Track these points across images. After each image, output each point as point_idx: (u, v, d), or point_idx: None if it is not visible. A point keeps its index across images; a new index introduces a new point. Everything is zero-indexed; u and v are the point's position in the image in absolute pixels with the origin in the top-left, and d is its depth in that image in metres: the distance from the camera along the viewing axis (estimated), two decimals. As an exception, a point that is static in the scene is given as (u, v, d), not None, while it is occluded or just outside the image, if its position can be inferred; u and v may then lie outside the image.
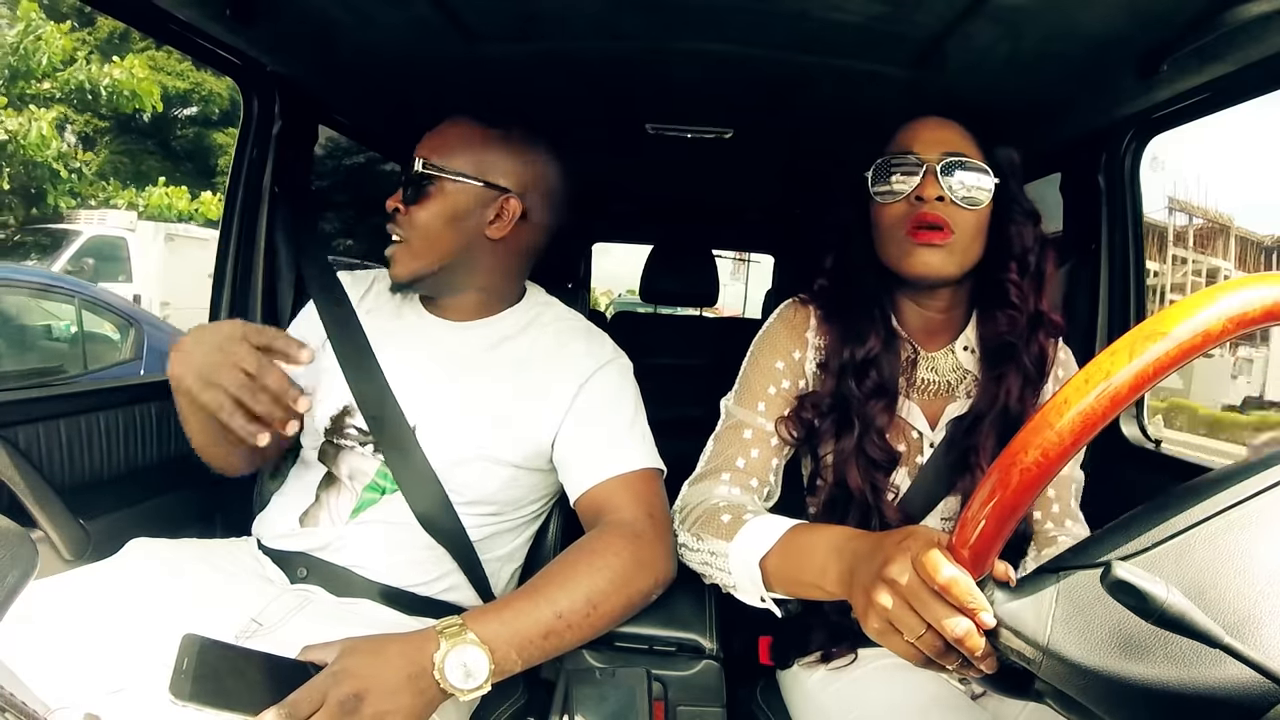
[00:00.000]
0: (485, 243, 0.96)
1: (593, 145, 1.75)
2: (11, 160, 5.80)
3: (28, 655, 0.72)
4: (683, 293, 2.67)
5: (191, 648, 0.68)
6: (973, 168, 0.85)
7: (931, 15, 0.91)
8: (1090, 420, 0.46)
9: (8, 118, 5.62)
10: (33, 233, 6.39)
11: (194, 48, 1.16)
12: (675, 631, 0.87)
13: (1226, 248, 12.38)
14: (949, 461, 0.88)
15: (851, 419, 0.88)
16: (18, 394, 1.09)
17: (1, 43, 5.95)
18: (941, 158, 0.85)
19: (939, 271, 0.86)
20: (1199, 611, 0.42)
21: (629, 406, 0.97)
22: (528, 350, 0.98)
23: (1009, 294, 0.88)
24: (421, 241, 0.95)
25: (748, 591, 0.78)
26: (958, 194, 0.84)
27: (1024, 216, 0.89)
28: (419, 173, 0.93)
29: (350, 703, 0.66)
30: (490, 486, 0.94)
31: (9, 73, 5.94)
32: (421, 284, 0.98)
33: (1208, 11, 0.82)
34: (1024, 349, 0.88)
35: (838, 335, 0.91)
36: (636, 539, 0.85)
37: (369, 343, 0.98)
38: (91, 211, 7.02)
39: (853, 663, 0.87)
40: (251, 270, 1.35)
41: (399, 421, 0.93)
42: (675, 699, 0.83)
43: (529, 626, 0.76)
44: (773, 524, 0.77)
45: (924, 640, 0.54)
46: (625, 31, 1.04)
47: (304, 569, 0.92)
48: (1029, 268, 0.89)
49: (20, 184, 6.06)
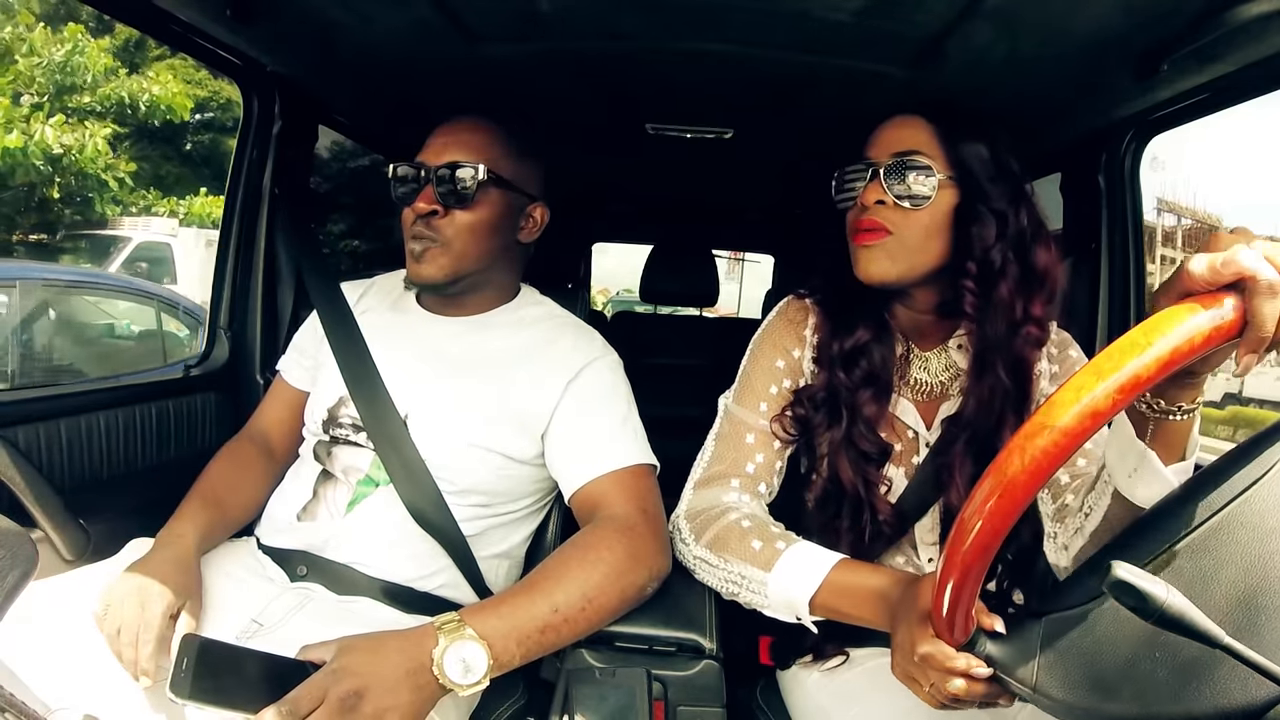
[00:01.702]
0: (516, 246, 1.02)
1: (593, 145, 1.75)
2: (64, 171, 6.13)
3: (28, 655, 0.72)
4: (682, 293, 2.67)
5: (191, 647, 0.68)
6: (915, 166, 0.83)
7: (931, 15, 0.91)
8: (1013, 503, 0.48)
9: (65, 132, 5.98)
10: (86, 239, 6.76)
11: (194, 48, 1.16)
12: (675, 631, 0.87)
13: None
14: (943, 462, 0.88)
15: (840, 410, 0.88)
16: (18, 394, 1.09)
17: (51, 61, 6.31)
18: (889, 159, 0.84)
19: (880, 275, 0.85)
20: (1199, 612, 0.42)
21: (621, 403, 0.99)
22: (519, 345, 1.00)
23: (963, 301, 0.84)
24: (464, 244, 0.97)
25: (780, 612, 0.80)
26: (898, 194, 0.83)
27: (990, 216, 0.84)
28: (472, 178, 0.95)
29: (350, 700, 0.66)
30: (480, 475, 0.95)
31: (54, 88, 6.33)
32: (456, 285, 0.99)
33: (1207, 11, 0.82)
34: (999, 358, 0.84)
35: (830, 329, 0.91)
36: (630, 534, 0.86)
37: (363, 338, 1.02)
38: (135, 219, 7.42)
39: (844, 662, 0.87)
40: (251, 270, 1.35)
41: (390, 411, 0.95)
42: (675, 699, 0.83)
43: (526, 621, 0.76)
44: (815, 559, 0.78)
45: (934, 694, 0.62)
46: (625, 31, 1.04)
47: (304, 567, 0.93)
48: (992, 270, 0.83)
49: (71, 193, 6.40)
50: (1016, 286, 0.84)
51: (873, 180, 0.85)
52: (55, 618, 0.78)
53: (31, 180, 5.96)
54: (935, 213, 0.84)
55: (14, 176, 5.87)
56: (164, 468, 1.20)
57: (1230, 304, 0.47)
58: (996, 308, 0.84)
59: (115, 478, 1.13)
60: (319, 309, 1.09)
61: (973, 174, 0.84)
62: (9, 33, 6.07)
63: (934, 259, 0.85)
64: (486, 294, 1.04)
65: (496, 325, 1.03)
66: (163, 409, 1.23)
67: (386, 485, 0.94)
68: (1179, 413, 0.58)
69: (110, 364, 4.32)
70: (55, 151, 5.93)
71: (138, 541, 0.91)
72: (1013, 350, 0.84)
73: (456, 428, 0.95)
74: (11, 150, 5.67)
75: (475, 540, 0.96)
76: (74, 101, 6.45)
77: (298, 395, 1.10)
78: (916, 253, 0.84)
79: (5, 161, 5.70)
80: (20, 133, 5.77)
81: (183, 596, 0.80)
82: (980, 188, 0.84)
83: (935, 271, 0.86)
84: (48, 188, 6.13)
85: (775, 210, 2.60)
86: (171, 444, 1.23)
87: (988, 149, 0.85)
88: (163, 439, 1.22)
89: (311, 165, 1.46)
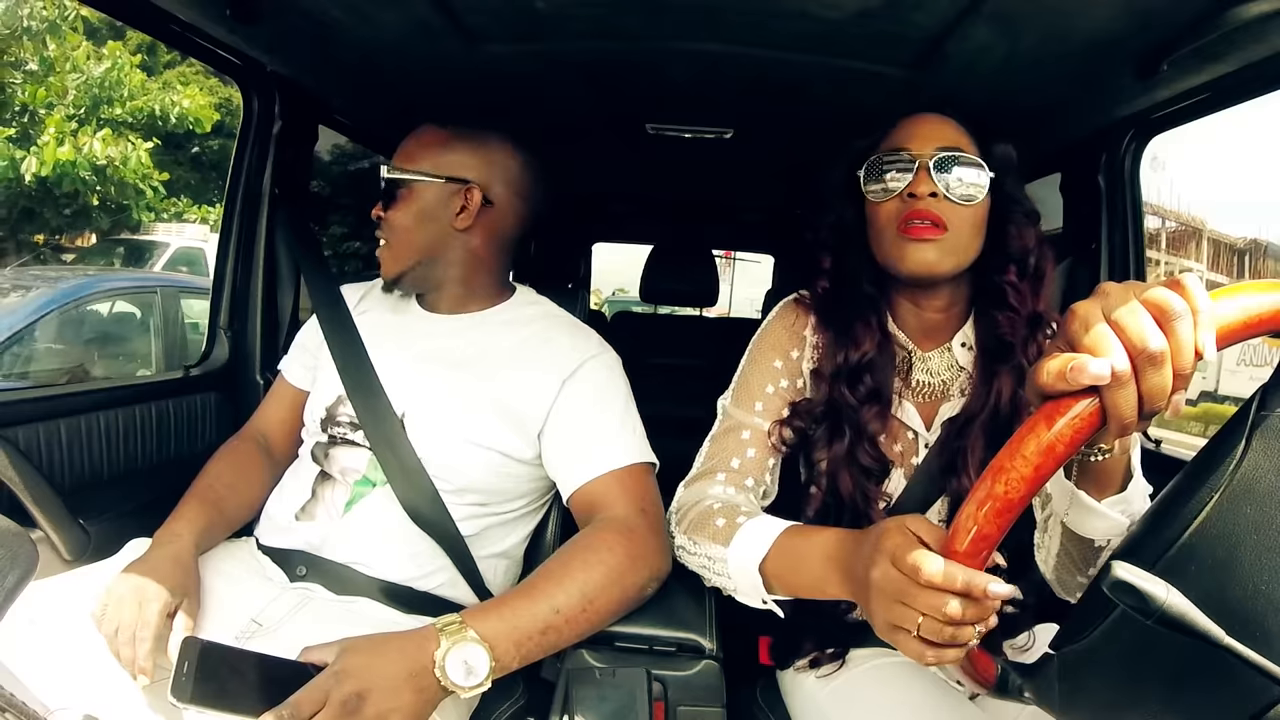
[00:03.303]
0: (455, 235, 1.02)
1: (593, 145, 1.75)
2: (106, 181, 6.58)
3: (28, 655, 0.72)
4: (683, 292, 2.67)
5: (192, 650, 0.68)
6: (967, 163, 0.83)
7: (931, 15, 0.91)
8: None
9: (111, 145, 6.43)
10: (125, 244, 7.30)
11: (194, 48, 1.16)
12: (675, 631, 0.87)
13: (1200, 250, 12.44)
14: (942, 463, 0.87)
15: (843, 426, 0.87)
16: (18, 394, 1.09)
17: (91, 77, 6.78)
18: (936, 153, 0.83)
19: (934, 269, 0.84)
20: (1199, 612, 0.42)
21: (619, 401, 0.99)
22: (515, 343, 1.01)
23: (1007, 296, 0.86)
24: (399, 241, 1.02)
25: (749, 595, 0.79)
26: (953, 190, 0.83)
27: (1024, 216, 0.87)
28: (388, 179, 1.02)
29: (352, 702, 0.66)
30: (477, 474, 0.95)
31: (92, 101, 6.79)
32: (406, 280, 1.04)
33: (1207, 11, 0.82)
34: (1021, 350, 0.85)
35: (832, 339, 0.90)
36: (630, 534, 0.86)
37: (361, 338, 1.03)
38: (168, 225, 7.92)
39: (840, 669, 0.87)
40: (251, 271, 1.35)
41: (386, 410, 0.96)
42: (675, 699, 0.83)
43: (527, 623, 0.77)
44: (766, 527, 0.77)
45: (925, 628, 0.54)
46: (625, 32, 1.04)
47: (303, 567, 0.93)
48: (1028, 269, 0.86)
49: (110, 201, 6.85)
50: (1032, 287, 0.86)
51: (920, 172, 0.83)
52: (55, 618, 0.78)
53: (76, 189, 6.41)
54: (980, 210, 0.85)
55: (61, 186, 6.31)
56: (164, 468, 1.20)
57: (1084, 405, 0.47)
58: (1026, 301, 0.86)
59: (115, 478, 1.13)
60: (317, 309, 1.10)
61: (1008, 174, 0.86)
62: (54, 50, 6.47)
63: (973, 256, 0.86)
64: (457, 288, 1.04)
65: (492, 323, 1.04)
66: (163, 409, 1.23)
67: (384, 485, 0.94)
68: (1098, 454, 0.57)
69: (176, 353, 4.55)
70: (100, 163, 6.40)
71: (136, 542, 0.91)
72: (1035, 341, 0.86)
73: (453, 425, 0.95)
74: (63, 162, 6.17)
75: (473, 540, 0.96)
76: (106, 113, 6.86)
77: (298, 395, 1.10)
78: (964, 249, 0.85)
79: (56, 172, 6.18)
80: (71, 146, 6.24)
81: (180, 595, 0.80)
82: (1011, 189, 0.87)
83: (968, 269, 0.87)
84: (89, 196, 6.57)
85: (775, 210, 2.60)
86: (171, 444, 1.23)
87: (1014, 151, 0.87)
88: (163, 439, 1.22)
89: (311, 165, 1.46)
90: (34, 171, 6.12)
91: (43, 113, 6.37)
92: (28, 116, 6.40)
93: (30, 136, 6.32)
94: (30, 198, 6.36)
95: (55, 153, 6.11)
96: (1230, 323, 0.46)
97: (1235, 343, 0.47)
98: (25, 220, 6.99)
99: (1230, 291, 0.46)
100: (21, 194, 6.33)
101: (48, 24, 6.10)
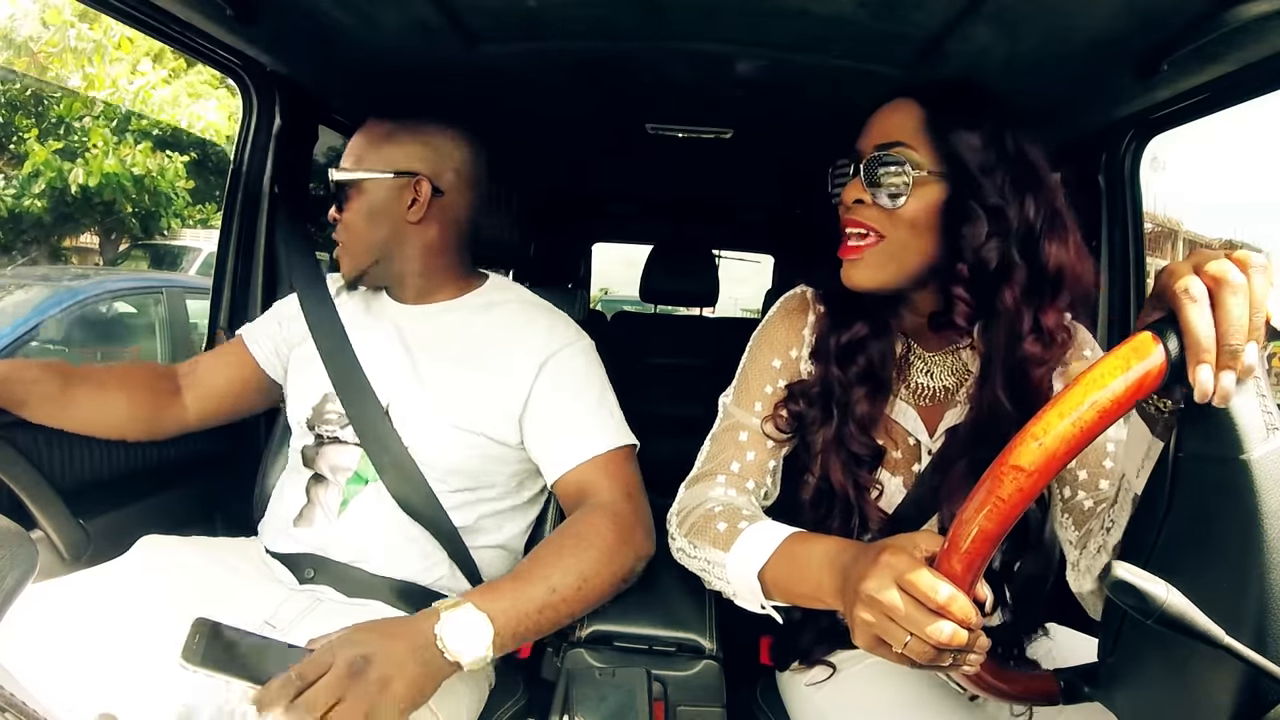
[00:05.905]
0: (410, 228, 1.02)
1: (593, 145, 1.75)
2: (142, 190, 6.98)
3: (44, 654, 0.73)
4: (683, 292, 2.67)
5: (204, 626, 0.70)
6: (891, 160, 0.76)
7: (931, 15, 0.91)
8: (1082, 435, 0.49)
9: (149, 157, 6.88)
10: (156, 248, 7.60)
11: (194, 48, 1.16)
12: (675, 631, 0.87)
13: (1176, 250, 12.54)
14: (943, 472, 0.83)
15: (832, 407, 0.85)
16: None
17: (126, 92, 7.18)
18: (871, 152, 0.77)
19: (864, 282, 0.79)
20: (1198, 611, 0.42)
21: (596, 386, 1.00)
22: (491, 329, 1.02)
23: (954, 311, 0.77)
24: (354, 241, 1.03)
25: (748, 600, 0.78)
26: (882, 192, 0.77)
27: (980, 210, 0.75)
28: (337, 181, 1.02)
29: (358, 664, 0.67)
30: (460, 455, 0.96)
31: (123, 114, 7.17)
32: (365, 278, 1.05)
33: (1207, 11, 0.81)
34: (999, 373, 0.77)
35: (830, 324, 0.89)
36: (617, 519, 0.89)
37: (345, 332, 1.04)
38: (195, 230, 8.07)
39: (840, 669, 0.87)
40: (251, 271, 1.35)
41: (372, 402, 0.97)
42: (675, 699, 0.83)
43: (525, 602, 0.79)
44: (768, 534, 0.76)
45: (911, 649, 0.55)
46: (625, 31, 1.04)
47: (311, 569, 0.94)
48: (987, 272, 0.76)
49: (142, 209, 7.21)
50: (1023, 292, 0.76)
51: (854, 177, 0.79)
52: (69, 617, 0.78)
53: (114, 198, 6.78)
54: (920, 209, 0.76)
55: (102, 195, 6.69)
56: (164, 468, 1.20)
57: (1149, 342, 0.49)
58: (1000, 316, 0.76)
59: (115, 478, 1.13)
60: (304, 305, 1.10)
61: (963, 164, 0.76)
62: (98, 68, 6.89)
63: (925, 260, 0.78)
64: (418, 280, 1.05)
65: (463, 309, 1.05)
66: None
67: (375, 481, 0.95)
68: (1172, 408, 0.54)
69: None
70: (140, 173, 6.83)
71: (148, 539, 0.91)
72: (1012, 367, 0.77)
73: (433, 409, 0.96)
74: (109, 174, 6.57)
75: (467, 531, 0.97)
76: (135, 125, 7.21)
77: (247, 368, 1.11)
78: (905, 255, 0.78)
79: (99, 182, 6.57)
80: (116, 158, 6.64)
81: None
82: (972, 179, 0.76)
83: (930, 274, 0.80)
84: (124, 205, 6.92)
85: (775, 210, 2.60)
86: (171, 444, 1.23)
87: (984, 136, 0.76)
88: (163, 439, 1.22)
89: (311, 165, 1.46)
90: (80, 181, 6.46)
91: (78, 125, 6.75)
92: (64, 128, 6.74)
93: (71, 149, 6.68)
94: (68, 204, 6.73)
95: (103, 164, 6.50)
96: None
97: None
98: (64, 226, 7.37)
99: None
100: (64, 202, 6.69)
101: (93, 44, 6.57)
